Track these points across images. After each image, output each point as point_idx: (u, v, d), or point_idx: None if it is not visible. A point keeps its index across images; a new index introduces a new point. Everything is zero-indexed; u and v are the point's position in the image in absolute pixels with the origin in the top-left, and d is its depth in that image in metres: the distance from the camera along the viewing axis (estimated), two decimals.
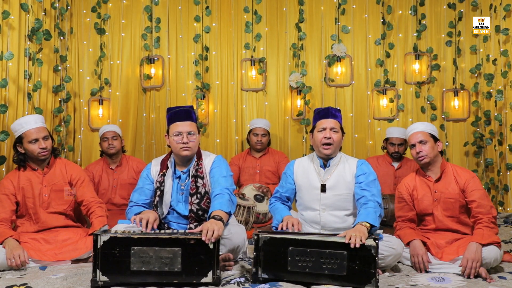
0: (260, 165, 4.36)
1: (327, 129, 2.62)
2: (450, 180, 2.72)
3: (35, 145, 2.75)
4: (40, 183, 2.83)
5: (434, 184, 2.74)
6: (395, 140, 4.20)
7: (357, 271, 2.12)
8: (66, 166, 2.93)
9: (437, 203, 2.72)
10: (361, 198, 2.51)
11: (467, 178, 2.68)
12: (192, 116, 2.68)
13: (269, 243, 2.21)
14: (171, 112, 2.67)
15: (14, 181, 2.80)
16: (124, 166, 3.89)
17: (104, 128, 3.93)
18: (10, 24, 3.50)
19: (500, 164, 4.61)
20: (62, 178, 2.88)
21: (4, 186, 2.79)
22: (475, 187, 2.66)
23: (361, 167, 2.63)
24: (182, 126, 2.61)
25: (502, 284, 2.30)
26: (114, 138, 3.83)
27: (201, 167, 2.66)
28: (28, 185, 2.81)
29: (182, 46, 5.00)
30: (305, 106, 4.94)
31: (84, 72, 4.84)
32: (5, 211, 2.73)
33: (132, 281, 2.15)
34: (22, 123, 2.78)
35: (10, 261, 2.47)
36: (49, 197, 2.83)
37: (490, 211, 2.59)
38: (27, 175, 2.83)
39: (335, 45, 4.94)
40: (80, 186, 2.90)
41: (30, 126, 2.76)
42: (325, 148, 2.62)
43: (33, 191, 2.80)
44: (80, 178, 2.92)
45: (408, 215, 2.78)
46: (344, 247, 2.14)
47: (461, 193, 2.68)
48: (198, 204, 2.60)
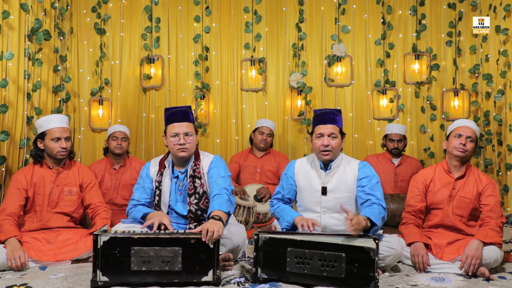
0: (261, 164, 4.36)
1: (324, 136, 2.60)
2: (471, 181, 2.74)
3: (57, 143, 2.81)
4: (52, 182, 2.86)
5: (454, 181, 2.76)
6: (394, 136, 4.20)
7: (356, 274, 2.09)
8: (79, 169, 2.98)
9: (451, 200, 2.73)
10: (366, 201, 2.53)
11: (488, 183, 2.72)
12: (190, 117, 2.66)
13: (268, 243, 2.20)
14: (169, 113, 2.66)
15: (28, 176, 2.84)
16: (127, 166, 3.89)
17: (114, 127, 3.92)
18: (10, 24, 3.50)
19: (499, 164, 4.62)
20: (74, 180, 2.93)
21: (18, 180, 2.82)
22: (493, 193, 2.69)
23: (363, 170, 2.62)
24: (179, 127, 2.60)
25: (502, 284, 2.30)
26: (123, 139, 3.85)
27: (198, 167, 2.65)
28: (41, 182, 2.84)
29: (182, 46, 5.00)
30: (306, 106, 4.94)
31: (84, 72, 4.84)
32: (15, 206, 2.76)
33: (132, 281, 2.15)
34: (48, 120, 2.85)
35: (10, 262, 2.48)
36: (58, 197, 2.86)
37: (499, 217, 2.62)
38: (41, 172, 2.87)
39: (335, 45, 4.94)
40: (90, 190, 2.95)
41: (55, 125, 2.83)
42: (324, 154, 2.61)
43: (44, 189, 2.84)
44: (91, 182, 2.97)
45: (418, 206, 2.77)
46: (343, 250, 2.11)
47: (477, 196, 2.71)
48: (197, 204, 2.60)
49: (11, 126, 3.50)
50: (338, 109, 2.71)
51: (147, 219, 2.50)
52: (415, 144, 4.97)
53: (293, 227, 2.55)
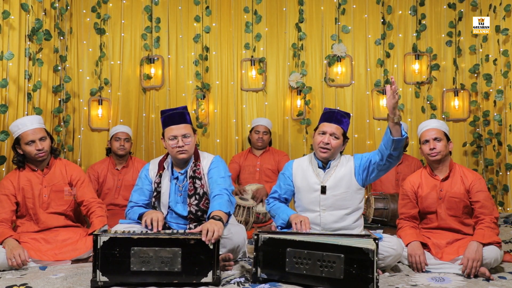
0: (261, 163, 4.37)
1: (327, 134, 2.61)
2: (457, 180, 2.73)
3: (32, 146, 2.75)
4: (40, 184, 2.82)
5: (440, 182, 2.75)
6: None
7: (355, 275, 2.07)
8: (66, 166, 2.92)
9: (441, 202, 2.73)
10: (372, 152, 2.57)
11: (474, 179, 2.70)
12: (186, 118, 2.65)
13: (268, 243, 2.20)
14: (165, 116, 2.64)
15: (14, 181, 2.80)
16: (129, 167, 3.89)
17: (117, 128, 3.91)
18: (10, 24, 3.50)
19: (499, 164, 4.62)
20: (62, 178, 2.88)
21: (4, 186, 2.79)
22: (481, 188, 2.67)
23: (356, 156, 2.66)
24: (176, 130, 2.59)
25: (502, 284, 2.31)
26: (126, 140, 3.84)
27: (198, 168, 2.65)
28: (28, 185, 2.80)
29: (182, 46, 5.00)
30: (305, 106, 4.94)
31: (84, 72, 4.84)
32: (5, 212, 2.72)
33: (132, 281, 2.15)
34: (18, 125, 2.78)
35: (10, 261, 2.47)
36: (48, 198, 2.82)
37: (492, 212, 2.61)
38: (27, 176, 2.82)
39: (335, 45, 4.94)
40: (80, 186, 2.90)
41: (26, 128, 2.75)
42: (322, 151, 2.62)
43: (33, 192, 2.80)
44: (80, 178, 2.92)
45: (411, 212, 2.78)
46: (342, 250, 2.10)
47: (466, 194, 2.69)
48: (197, 205, 2.60)
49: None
50: (347, 112, 2.70)
51: (142, 218, 2.51)
52: (415, 144, 4.97)
53: (288, 225, 2.56)
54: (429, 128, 2.77)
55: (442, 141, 2.72)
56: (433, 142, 2.72)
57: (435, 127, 2.75)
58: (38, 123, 2.82)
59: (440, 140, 2.72)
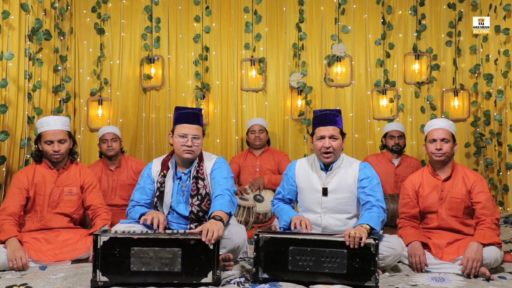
0: (260, 163, 4.37)
1: (325, 138, 2.59)
2: (459, 180, 2.73)
3: (49, 146, 2.80)
4: (53, 182, 2.86)
5: (442, 183, 2.75)
6: (394, 132, 4.20)
7: (357, 269, 2.16)
8: (80, 170, 2.98)
9: (442, 202, 2.73)
10: (366, 203, 2.53)
11: (475, 180, 2.70)
12: (200, 120, 2.68)
13: (269, 243, 2.21)
14: (180, 112, 2.66)
15: (29, 175, 2.84)
16: (123, 167, 3.88)
17: (103, 130, 3.90)
18: (10, 24, 3.50)
19: (500, 164, 4.62)
20: (75, 181, 2.93)
21: (19, 179, 2.82)
22: (482, 189, 2.67)
23: (364, 170, 2.62)
24: (189, 129, 2.61)
25: (502, 284, 2.31)
26: (113, 140, 3.81)
27: (202, 168, 2.66)
28: (42, 182, 2.84)
29: (182, 46, 5.00)
30: (306, 106, 4.94)
31: (84, 72, 4.84)
32: (15, 205, 2.75)
33: (132, 281, 2.15)
34: (42, 122, 2.85)
35: (11, 263, 2.48)
36: (59, 198, 2.86)
37: (493, 213, 2.61)
38: (43, 172, 2.87)
39: (335, 45, 4.94)
40: (91, 191, 2.94)
41: (48, 127, 2.81)
42: (326, 156, 2.61)
43: (45, 189, 2.84)
44: (92, 183, 2.97)
45: (411, 211, 2.78)
46: (344, 246, 2.18)
47: (467, 194, 2.69)
48: (199, 206, 2.60)
49: (11, 126, 3.50)
50: (338, 109, 2.70)
51: (142, 217, 2.51)
52: (415, 144, 4.97)
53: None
54: (438, 127, 2.75)
55: (449, 142, 2.72)
56: (440, 142, 2.71)
57: (443, 127, 2.74)
58: (62, 125, 2.87)
59: (448, 142, 2.72)
